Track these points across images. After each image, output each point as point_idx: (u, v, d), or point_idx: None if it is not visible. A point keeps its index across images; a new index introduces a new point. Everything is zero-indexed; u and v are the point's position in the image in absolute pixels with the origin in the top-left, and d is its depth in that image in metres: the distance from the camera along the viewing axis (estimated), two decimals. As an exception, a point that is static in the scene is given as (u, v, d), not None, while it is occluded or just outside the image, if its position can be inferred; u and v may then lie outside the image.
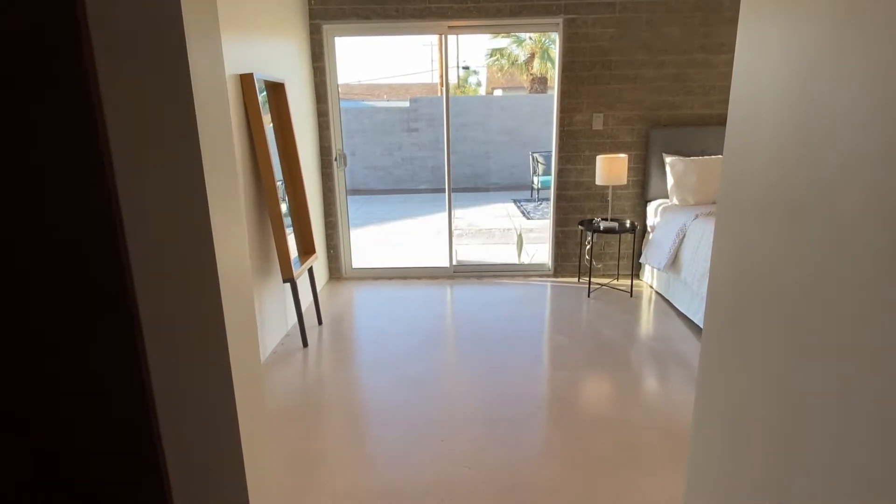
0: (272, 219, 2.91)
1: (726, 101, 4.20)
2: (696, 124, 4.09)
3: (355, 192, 10.96)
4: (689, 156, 3.97)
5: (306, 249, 3.45)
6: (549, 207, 8.87)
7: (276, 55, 3.30)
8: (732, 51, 4.13)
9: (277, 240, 2.93)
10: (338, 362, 3.00)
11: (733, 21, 3.89)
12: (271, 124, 3.19)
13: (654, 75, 4.01)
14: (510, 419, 2.36)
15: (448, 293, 4.07)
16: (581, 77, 4.04)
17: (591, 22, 3.93)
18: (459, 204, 9.38)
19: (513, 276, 4.44)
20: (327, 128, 4.17)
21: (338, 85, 4.18)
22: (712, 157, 3.81)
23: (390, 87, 21.85)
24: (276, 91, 3.25)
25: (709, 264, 3.02)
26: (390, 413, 2.45)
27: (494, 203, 9.51)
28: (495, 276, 4.45)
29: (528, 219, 8.08)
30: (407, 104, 11.09)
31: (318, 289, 4.12)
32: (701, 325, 3.22)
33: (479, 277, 4.43)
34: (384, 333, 3.34)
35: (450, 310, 3.71)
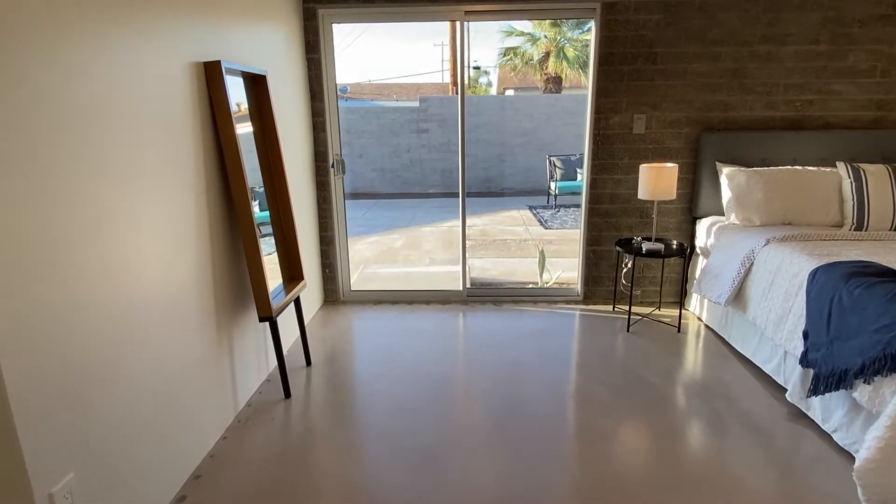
0: (245, 242, 2.34)
1: (792, 102, 3.58)
2: (757, 128, 3.47)
3: (362, 195, 10.41)
4: (749, 166, 3.35)
5: (293, 275, 2.88)
6: (568, 216, 8.28)
7: (256, 42, 2.73)
8: (801, 42, 3.52)
9: (252, 268, 2.36)
10: (323, 423, 2.42)
11: (803, 6, 3.26)
12: (250, 124, 2.62)
13: (706, 70, 3.39)
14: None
15: (461, 324, 3.48)
16: (620, 72, 3.43)
17: (634, 7, 3.32)
18: (472, 210, 8.80)
19: (535, 302, 3.84)
20: (323, 130, 3.59)
21: (336, 81, 3.60)
22: (780, 168, 3.19)
23: (400, 86, 21.33)
24: (256, 85, 2.67)
25: (789, 304, 2.40)
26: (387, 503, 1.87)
27: (509, 209, 8.90)
28: (515, 302, 3.85)
29: (546, 228, 7.46)
30: (416, 104, 10.52)
31: (311, 315, 3.55)
32: (775, 378, 2.61)
33: (497, 303, 3.83)
34: (384, 381, 2.76)
35: (463, 347, 3.12)
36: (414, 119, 10.42)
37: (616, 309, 3.69)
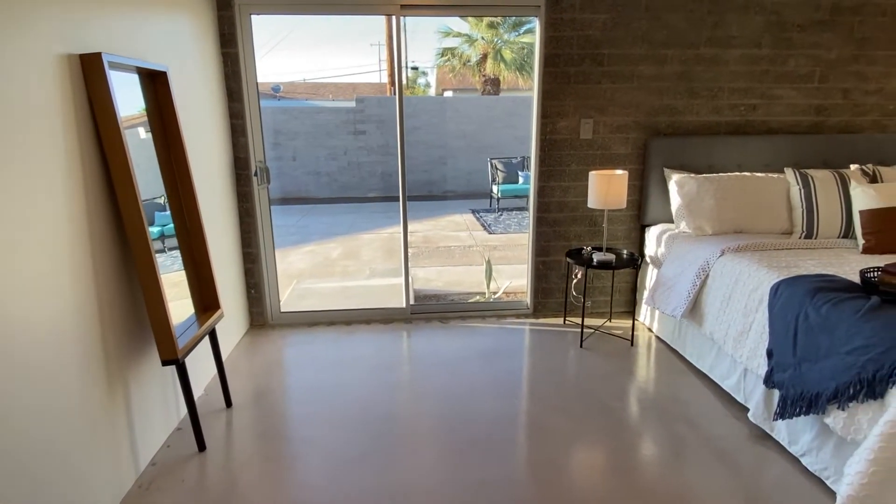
0: (140, 271, 1.94)
1: (737, 106, 3.53)
2: (703, 133, 3.39)
3: (295, 200, 9.87)
4: (697, 172, 3.27)
5: (206, 303, 2.48)
6: (511, 219, 8.15)
7: (154, 33, 2.32)
8: (744, 45, 3.46)
9: (150, 301, 1.96)
10: (246, 481, 2.06)
11: (747, 9, 3.20)
12: (147, 127, 2.21)
13: (653, 73, 3.28)
14: None
15: (405, 347, 3.18)
16: (566, 74, 3.25)
17: (580, 5, 3.15)
18: (414, 215, 8.50)
19: (484, 317, 3.61)
20: (243, 134, 3.19)
21: (257, 78, 3.21)
22: (730, 175, 3.11)
23: (336, 86, 20.65)
24: (155, 83, 2.27)
25: (749, 320, 2.28)
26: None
27: (452, 214, 8.68)
28: (462, 318, 3.60)
29: (490, 232, 7.29)
30: (353, 104, 10.10)
31: (234, 344, 3.14)
32: (735, 396, 2.49)
33: (443, 320, 3.57)
34: (319, 422, 2.42)
35: (408, 376, 2.82)
36: (350, 120, 10.00)
37: (567, 322, 3.52)
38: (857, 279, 2.14)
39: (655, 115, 3.34)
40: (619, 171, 3.04)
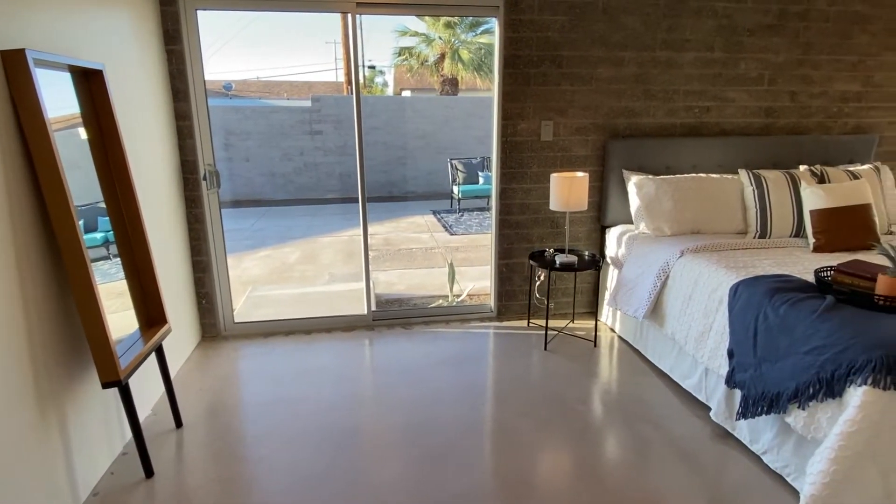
0: (74, 285, 1.78)
1: (691, 108, 3.60)
2: (660, 135, 3.44)
3: (250, 202, 9.56)
4: (655, 173, 3.31)
5: (152, 318, 2.32)
6: (472, 220, 8.14)
7: (88, 29, 2.15)
8: (698, 49, 3.53)
9: (86, 317, 1.81)
10: (200, 505, 1.93)
11: (700, 13, 3.26)
12: (84, 129, 2.04)
13: (611, 75, 3.30)
14: None
15: (367, 356, 3.09)
16: (526, 75, 3.23)
17: (538, 6, 3.13)
18: (374, 216, 8.38)
19: (448, 322, 3.55)
20: (191, 136, 3.02)
21: (205, 77, 3.04)
22: (687, 176, 3.16)
23: (291, 84, 20.17)
24: (91, 82, 2.10)
25: (710, 321, 2.31)
26: None
27: (413, 215, 8.59)
28: (426, 323, 3.53)
29: (452, 234, 7.25)
30: (309, 103, 9.86)
31: (184, 358, 2.97)
32: (696, 395, 2.52)
33: (406, 326, 3.49)
34: (277, 440, 2.30)
35: (371, 387, 2.73)
36: (306, 120, 9.76)
37: (531, 324, 3.50)
38: (811, 279, 2.20)
39: (614, 117, 3.36)
40: (580, 174, 3.04)
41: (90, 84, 2.10)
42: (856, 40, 3.46)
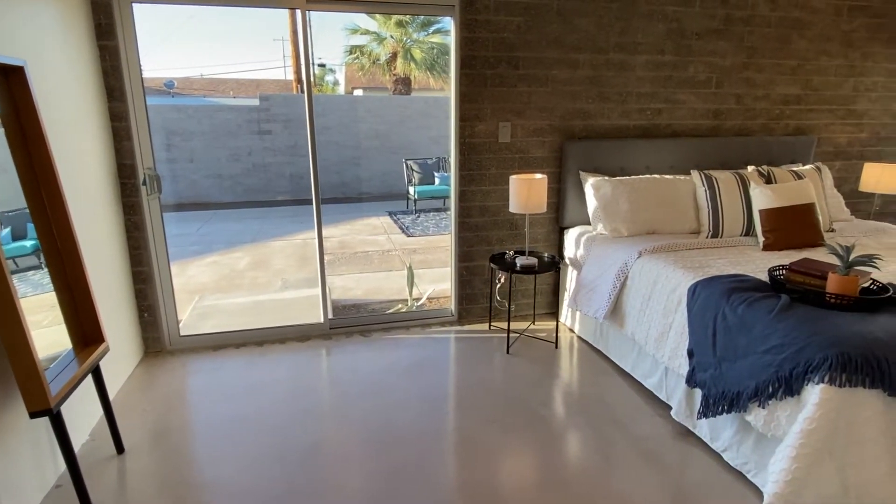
0: (-4, 310, 1.60)
1: (644, 111, 3.66)
2: (614, 137, 3.48)
3: (195, 206, 9.15)
4: (610, 174, 3.34)
5: (87, 337, 2.13)
6: (429, 221, 8.07)
7: (7, 22, 1.94)
8: (650, 52, 3.59)
9: (8, 344, 1.62)
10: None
11: (651, 16, 3.32)
12: (3, 130, 1.84)
13: (567, 77, 3.30)
14: None
15: (324, 367, 2.97)
16: (483, 77, 3.19)
17: (494, 7, 3.10)
18: (329, 218, 8.18)
19: (408, 328, 3.47)
20: (128, 138, 2.81)
21: (142, 75, 2.84)
22: (642, 177, 3.20)
23: (237, 82, 19.49)
24: (10, 79, 1.90)
25: (669, 321, 2.33)
26: None
27: (368, 216, 8.44)
28: (385, 329, 3.44)
29: (409, 235, 7.16)
30: (257, 102, 9.53)
31: (125, 376, 2.77)
32: (657, 394, 2.55)
33: (365, 333, 3.38)
34: (229, 463, 2.16)
35: (329, 400, 2.62)
36: (254, 119, 9.43)
37: (492, 327, 3.47)
38: (765, 277, 2.26)
39: (570, 119, 3.37)
40: (539, 176, 3.02)
41: (10, 82, 1.90)
42: (795, 45, 3.61)
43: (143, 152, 2.89)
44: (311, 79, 3.23)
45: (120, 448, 2.22)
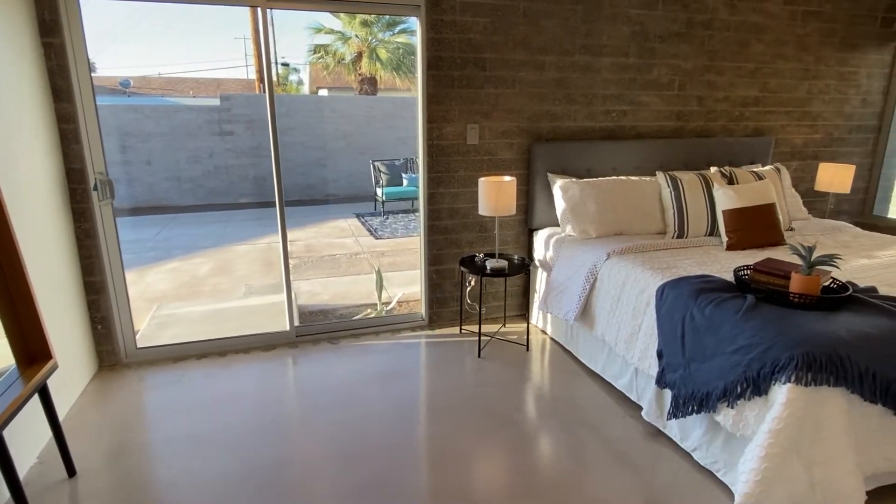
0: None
1: (610, 112, 3.70)
2: (581, 138, 3.50)
3: (153, 209, 8.83)
4: (577, 176, 3.36)
5: (33, 354, 2.00)
6: (398, 223, 8.00)
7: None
8: (615, 54, 3.63)
9: (-55, 368, 1.50)
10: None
11: (615, 19, 3.35)
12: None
13: (533, 79, 3.30)
14: None
15: (291, 377, 2.88)
16: (450, 78, 3.15)
17: (460, 8, 3.07)
18: (294, 222, 8.01)
19: (377, 333, 3.40)
20: (77, 141, 2.66)
21: (91, 75, 2.69)
22: (609, 179, 3.22)
23: (197, 81, 18.93)
24: (-61, 78, 1.75)
25: (638, 322, 2.35)
26: None
27: (335, 219, 8.30)
28: (354, 336, 3.36)
29: (377, 237, 7.07)
30: (217, 102, 9.26)
31: (77, 393, 2.62)
32: (628, 394, 2.56)
33: (333, 340, 3.30)
34: (190, 484, 2.06)
35: (296, 412, 2.53)
36: (215, 119, 9.16)
37: (463, 331, 3.44)
38: (730, 277, 2.29)
39: (537, 121, 3.37)
40: (508, 178, 3.01)
41: (-61, 81, 1.75)
42: (753, 49, 3.71)
43: (94, 156, 2.74)
44: (273, 78, 3.13)
45: (71, 471, 2.09)
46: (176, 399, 2.63)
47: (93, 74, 2.70)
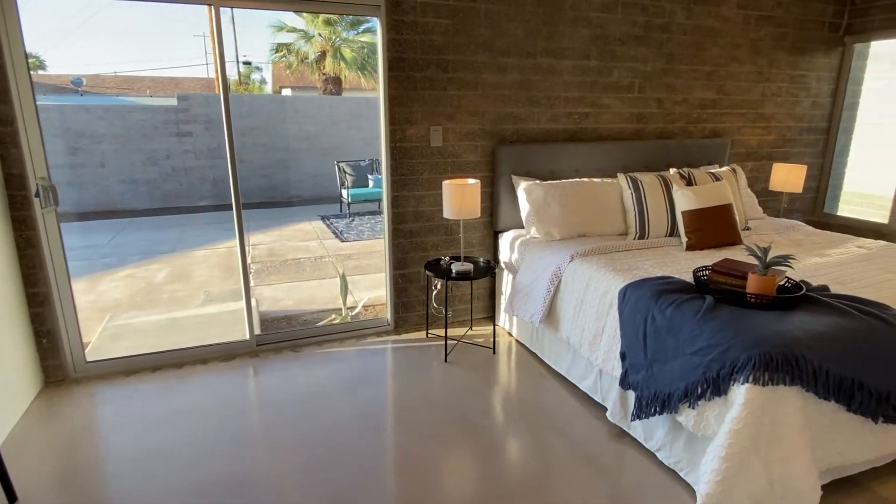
0: None
1: (572, 115, 3.71)
2: (544, 141, 3.51)
3: (107, 213, 8.48)
4: (541, 178, 3.36)
5: (-33, 375, 1.86)
6: (364, 225, 7.90)
7: None
8: (576, 56, 3.65)
9: None
10: None
11: (576, 22, 3.37)
12: None
13: (496, 81, 3.29)
14: None
15: (252, 388, 2.78)
16: (412, 79, 3.11)
17: (421, 9, 3.03)
18: (257, 225, 7.83)
19: (342, 340, 3.34)
20: (15, 145, 2.51)
21: (29, 71, 2.54)
22: (572, 181, 3.24)
23: (154, 80, 18.30)
24: None
25: (602, 324, 2.36)
26: None
27: (299, 221, 8.14)
28: (318, 343, 3.29)
29: (343, 240, 6.96)
30: (175, 102, 8.96)
31: (21, 412, 2.47)
32: (592, 396, 2.58)
33: (296, 348, 3.22)
34: (147, 503, 1.96)
35: (259, 425, 2.45)
36: (172, 120, 8.86)
37: (430, 335, 3.40)
38: (690, 278, 2.32)
39: (501, 123, 3.36)
40: (472, 181, 2.99)
41: None
42: (709, 52, 3.79)
43: (35, 160, 2.59)
44: (229, 77, 3.02)
45: (11, 496, 1.96)
46: (128, 415, 2.51)
47: (42, 72, 2.57)
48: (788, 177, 3.82)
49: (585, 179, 3.28)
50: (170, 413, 2.52)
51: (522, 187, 3.21)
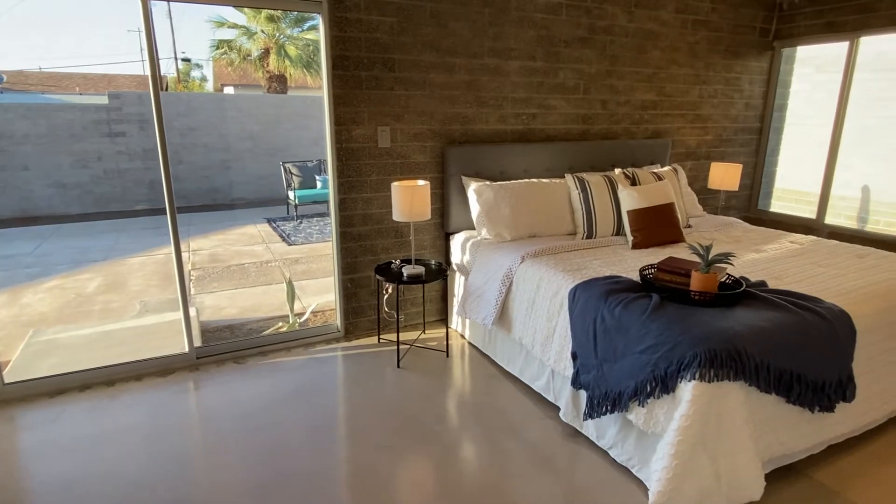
0: None
1: (520, 115, 3.72)
2: (493, 142, 3.50)
3: (33, 220, 7.90)
4: (491, 179, 3.36)
5: None
6: (312, 227, 7.70)
7: None
8: (523, 57, 3.66)
9: None
10: None
11: (522, 22, 3.38)
12: None
13: (444, 81, 3.25)
14: None
15: (192, 403, 2.63)
16: (358, 78, 3.03)
17: (364, 6, 2.95)
18: (197, 228, 7.49)
19: (289, 349, 3.21)
20: (-88, 146, 2.25)
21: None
22: (521, 182, 3.25)
23: (85, 77, 17.25)
24: None
25: (553, 324, 2.36)
26: None
27: (244, 225, 7.85)
28: (263, 353, 3.15)
29: (290, 244, 6.75)
30: (105, 100, 8.45)
31: (-76, 447, 2.22)
32: (545, 396, 2.58)
33: (239, 360, 3.07)
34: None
35: (200, 441, 2.30)
36: (104, 119, 8.35)
37: (381, 340, 3.33)
38: (637, 277, 2.36)
39: (449, 124, 3.33)
40: (421, 182, 2.94)
41: None
42: (650, 55, 3.90)
43: (-63, 165, 2.34)
44: (169, 76, 2.84)
45: (-87, 542, 1.76)
46: (53, 440, 2.31)
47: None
48: (725, 175, 3.98)
49: (534, 180, 3.29)
50: (100, 435, 2.34)
51: (473, 188, 3.19)
